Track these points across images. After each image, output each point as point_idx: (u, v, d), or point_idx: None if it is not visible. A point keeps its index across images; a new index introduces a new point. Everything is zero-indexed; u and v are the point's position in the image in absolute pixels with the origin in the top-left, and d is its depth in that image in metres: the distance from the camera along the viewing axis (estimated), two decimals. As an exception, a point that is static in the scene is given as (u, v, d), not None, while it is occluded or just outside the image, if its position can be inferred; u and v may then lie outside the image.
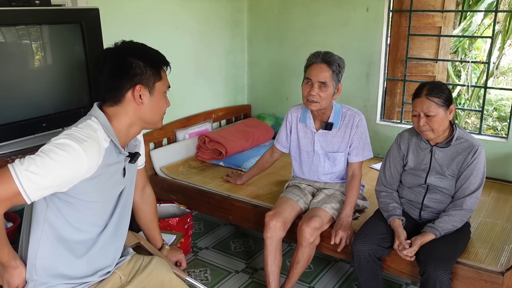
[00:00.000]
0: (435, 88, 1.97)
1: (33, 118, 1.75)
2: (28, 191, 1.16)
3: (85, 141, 1.25)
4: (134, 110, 1.39)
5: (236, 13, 3.65)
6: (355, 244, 2.06)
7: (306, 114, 2.39)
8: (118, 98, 1.38)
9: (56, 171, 1.18)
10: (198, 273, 2.64)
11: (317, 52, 2.24)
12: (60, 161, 1.19)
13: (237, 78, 3.82)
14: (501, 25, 4.98)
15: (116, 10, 2.62)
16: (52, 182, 1.19)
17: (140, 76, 1.37)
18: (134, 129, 1.44)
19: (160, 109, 1.45)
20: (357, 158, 2.35)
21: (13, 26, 1.68)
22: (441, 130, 1.99)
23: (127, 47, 1.41)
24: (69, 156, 1.20)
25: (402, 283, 2.54)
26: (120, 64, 1.37)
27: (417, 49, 4.10)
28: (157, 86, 1.41)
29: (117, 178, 1.43)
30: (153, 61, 1.41)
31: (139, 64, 1.37)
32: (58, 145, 1.21)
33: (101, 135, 1.32)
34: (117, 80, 1.36)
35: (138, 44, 1.44)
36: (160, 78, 1.42)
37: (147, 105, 1.40)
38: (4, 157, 1.65)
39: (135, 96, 1.37)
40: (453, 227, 1.98)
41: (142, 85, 1.37)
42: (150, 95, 1.40)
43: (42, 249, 1.34)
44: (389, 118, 3.99)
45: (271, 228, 2.20)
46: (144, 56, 1.39)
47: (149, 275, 1.55)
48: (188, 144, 3.29)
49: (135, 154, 1.49)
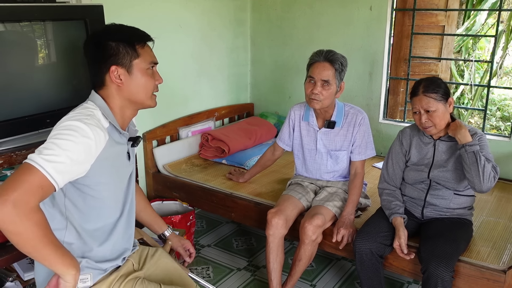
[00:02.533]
0: (431, 84, 1.97)
1: (37, 114, 1.76)
2: (52, 173, 1.14)
3: (85, 118, 1.27)
4: (117, 91, 1.39)
5: (239, 12, 3.65)
6: (357, 242, 2.06)
7: (309, 112, 2.40)
8: (101, 82, 1.39)
9: (69, 148, 1.19)
10: (200, 270, 2.65)
11: (319, 51, 2.24)
12: (69, 139, 1.20)
13: (240, 76, 3.83)
14: (505, 24, 4.97)
15: (120, 7, 2.63)
16: (70, 161, 1.19)
17: (115, 57, 1.36)
18: (127, 112, 1.45)
19: (145, 87, 1.43)
20: (359, 156, 2.35)
21: (18, 22, 1.69)
22: (443, 124, 1.99)
23: (101, 31, 1.42)
24: (75, 132, 1.22)
25: (404, 282, 2.54)
26: (95, 48, 1.38)
27: (420, 48, 4.09)
28: (135, 63, 1.39)
29: (124, 160, 1.45)
30: (126, 39, 1.39)
31: (111, 44, 1.36)
32: (62, 128, 1.23)
33: (99, 114, 1.34)
34: (95, 65, 1.39)
35: (113, 25, 1.44)
36: (137, 55, 1.40)
37: (128, 84, 1.39)
38: (8, 152, 1.66)
39: (112, 77, 1.37)
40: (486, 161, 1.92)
41: (118, 65, 1.37)
42: (129, 74, 1.39)
43: (68, 236, 1.36)
44: (392, 117, 3.98)
45: (273, 226, 2.21)
46: (117, 35, 1.38)
47: (156, 262, 1.61)
48: (191, 142, 3.29)
49: (137, 138, 1.50)
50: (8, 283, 1.84)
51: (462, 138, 1.93)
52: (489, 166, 1.92)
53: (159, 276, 1.59)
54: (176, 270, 1.64)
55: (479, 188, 1.93)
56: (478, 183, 1.91)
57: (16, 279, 1.87)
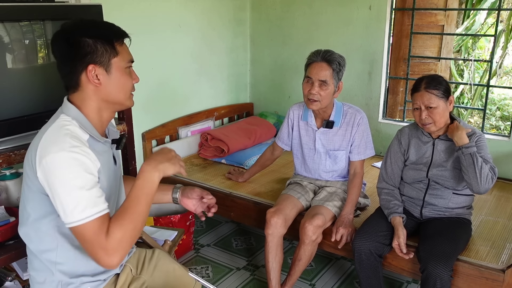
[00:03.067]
0: (433, 80, 1.98)
1: (35, 114, 1.75)
2: (94, 212, 1.17)
3: (63, 142, 1.20)
4: (95, 92, 1.29)
5: (239, 11, 3.65)
6: (356, 241, 2.06)
7: (307, 112, 2.40)
8: (75, 82, 1.29)
9: (77, 183, 1.17)
10: (199, 270, 2.65)
11: (317, 51, 2.24)
12: (70, 177, 1.17)
13: (240, 76, 3.83)
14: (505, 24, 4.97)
15: (119, 7, 2.63)
16: (89, 190, 1.18)
17: (92, 55, 1.25)
18: (105, 114, 1.35)
19: (124, 86, 1.34)
20: (358, 156, 2.35)
21: (17, 22, 1.69)
22: (442, 121, 1.99)
23: (73, 25, 1.29)
24: (68, 166, 1.18)
25: (403, 281, 2.54)
26: (67, 46, 1.26)
27: (419, 47, 4.10)
28: (114, 62, 1.29)
29: (111, 167, 1.39)
30: (105, 36, 1.28)
31: (88, 41, 1.25)
32: (54, 168, 1.17)
33: (75, 129, 1.26)
34: (68, 64, 1.27)
35: (85, 20, 1.32)
36: (116, 54, 1.30)
37: (107, 84, 1.29)
38: (7, 152, 1.66)
39: (89, 77, 1.27)
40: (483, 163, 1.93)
41: (96, 64, 1.26)
42: (108, 74, 1.29)
43: (60, 255, 1.32)
44: (391, 117, 3.99)
45: (272, 225, 2.21)
46: (93, 31, 1.27)
47: (155, 267, 1.58)
48: (190, 141, 3.29)
49: (121, 139, 1.44)
50: (8, 282, 1.84)
51: (459, 140, 1.94)
52: (487, 167, 1.92)
53: (160, 280, 1.57)
54: (176, 271, 1.62)
55: (477, 189, 1.93)
56: (476, 185, 1.91)
57: (16, 278, 1.87)
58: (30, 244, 1.34)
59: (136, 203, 1.24)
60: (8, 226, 1.69)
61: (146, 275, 1.55)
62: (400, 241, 1.99)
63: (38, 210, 1.29)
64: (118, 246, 1.19)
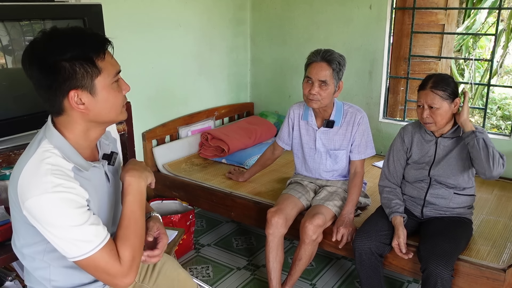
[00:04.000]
0: (441, 81, 1.96)
1: (35, 113, 1.75)
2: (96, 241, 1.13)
3: (46, 183, 1.09)
4: (81, 116, 1.16)
5: (239, 11, 3.65)
6: (356, 240, 2.06)
7: (307, 111, 2.39)
8: (57, 109, 1.15)
9: (68, 222, 1.10)
10: (200, 269, 2.65)
11: (317, 50, 2.23)
12: (61, 220, 1.10)
13: (240, 76, 3.82)
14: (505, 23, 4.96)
15: (119, 6, 2.62)
16: (81, 223, 1.11)
17: (71, 80, 1.10)
18: (94, 133, 1.23)
19: (114, 104, 1.19)
20: (359, 156, 2.35)
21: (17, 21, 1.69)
22: (443, 123, 1.99)
23: (43, 43, 1.11)
24: (56, 208, 1.09)
25: (404, 281, 2.54)
26: (42, 71, 1.10)
27: (420, 47, 4.09)
28: (98, 82, 1.14)
29: (104, 188, 1.29)
30: (82, 55, 1.10)
31: (64, 65, 1.09)
32: (41, 212, 1.09)
33: (57, 159, 1.14)
34: (46, 91, 1.13)
35: (56, 36, 1.12)
36: (99, 72, 1.13)
37: (94, 107, 1.15)
38: (7, 151, 1.66)
39: (72, 104, 1.13)
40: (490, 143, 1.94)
41: (77, 89, 1.11)
42: (93, 96, 1.14)
43: (54, 272, 1.26)
44: (392, 116, 3.98)
45: (273, 225, 2.20)
46: (68, 52, 1.09)
47: (159, 273, 1.56)
48: (190, 141, 3.29)
49: (111, 155, 1.32)
50: (8, 282, 1.84)
51: (471, 126, 1.95)
52: (497, 152, 1.93)
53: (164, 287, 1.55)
54: (180, 276, 1.60)
55: (489, 173, 1.91)
56: (489, 169, 1.90)
57: (16, 278, 1.87)
58: (23, 261, 1.30)
59: (134, 218, 1.23)
60: (8, 226, 1.69)
61: (149, 283, 1.53)
62: (400, 241, 1.98)
63: (26, 238, 1.23)
64: (132, 265, 1.19)
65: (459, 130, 2.03)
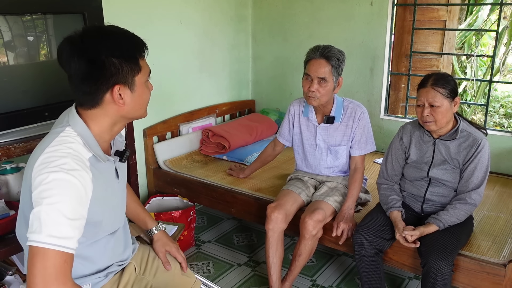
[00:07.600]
0: (441, 78, 1.95)
1: (35, 107, 1.76)
2: (64, 243, 1.08)
3: (64, 164, 1.12)
4: (116, 110, 1.24)
5: (240, 8, 3.65)
6: (356, 235, 2.05)
7: (308, 107, 2.39)
8: (95, 101, 1.22)
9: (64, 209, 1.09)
10: (200, 266, 2.65)
11: (316, 47, 2.22)
12: (59, 200, 1.09)
13: (241, 73, 3.82)
14: (508, 20, 4.94)
15: (119, 1, 2.62)
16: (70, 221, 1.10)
17: (117, 76, 1.19)
18: (117, 127, 1.30)
19: (144, 102, 1.30)
20: (359, 151, 2.34)
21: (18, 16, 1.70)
22: (444, 122, 1.97)
23: (93, 42, 1.18)
24: (62, 189, 1.10)
25: (405, 277, 2.53)
26: (91, 66, 1.17)
27: (421, 43, 4.08)
28: (138, 79, 1.24)
29: (114, 184, 1.34)
30: (129, 54, 1.21)
31: (113, 61, 1.17)
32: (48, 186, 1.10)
33: (78, 147, 1.19)
34: (91, 84, 1.19)
35: (105, 34, 1.21)
36: (139, 70, 1.24)
37: (130, 102, 1.24)
38: (7, 145, 1.66)
39: (114, 97, 1.21)
40: (457, 220, 1.96)
41: (121, 84, 1.21)
42: (132, 92, 1.24)
43: None
44: (393, 113, 3.98)
45: (273, 220, 2.20)
46: (117, 50, 1.19)
47: (157, 267, 1.58)
48: (191, 138, 3.29)
49: (124, 152, 1.37)
50: (8, 276, 1.84)
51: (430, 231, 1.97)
52: (464, 210, 1.97)
53: (163, 280, 1.56)
54: (177, 269, 1.62)
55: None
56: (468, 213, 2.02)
57: (16, 272, 1.88)
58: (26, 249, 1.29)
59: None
60: (8, 220, 1.70)
61: (149, 276, 1.55)
62: (399, 228, 1.97)
63: None
64: None
65: (457, 132, 2.01)
